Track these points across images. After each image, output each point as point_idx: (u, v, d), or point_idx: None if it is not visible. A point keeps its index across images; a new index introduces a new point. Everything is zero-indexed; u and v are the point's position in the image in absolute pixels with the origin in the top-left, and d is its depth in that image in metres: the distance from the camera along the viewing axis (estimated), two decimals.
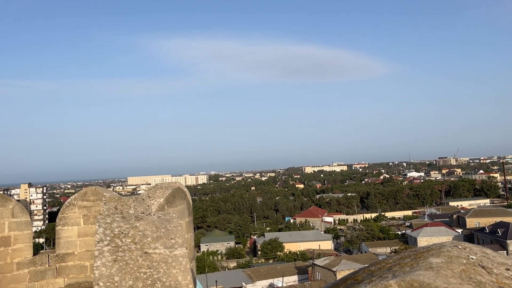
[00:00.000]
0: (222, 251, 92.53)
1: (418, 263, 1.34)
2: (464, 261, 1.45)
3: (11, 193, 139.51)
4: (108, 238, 2.70)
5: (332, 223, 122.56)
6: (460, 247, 1.63)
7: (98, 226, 3.83)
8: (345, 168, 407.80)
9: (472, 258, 1.49)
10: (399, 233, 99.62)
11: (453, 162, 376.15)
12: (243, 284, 57.05)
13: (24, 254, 8.69)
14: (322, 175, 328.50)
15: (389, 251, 75.08)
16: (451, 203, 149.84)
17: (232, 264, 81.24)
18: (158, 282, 2.44)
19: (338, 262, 56.98)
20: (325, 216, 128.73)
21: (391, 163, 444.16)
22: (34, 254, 8.95)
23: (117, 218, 3.04)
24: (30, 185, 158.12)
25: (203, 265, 65.95)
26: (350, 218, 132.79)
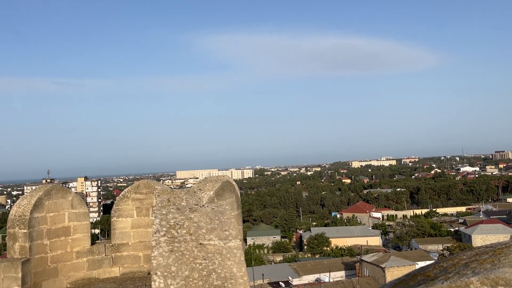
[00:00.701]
0: (268, 244, 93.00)
1: (500, 260, 1.23)
2: None
3: (69, 186, 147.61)
4: (164, 229, 2.74)
5: (380, 219, 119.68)
6: None
7: (154, 217, 3.92)
8: (394, 162, 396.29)
9: None
10: (452, 230, 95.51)
11: None
12: (290, 278, 57.09)
13: (83, 243, 9.14)
14: (369, 170, 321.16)
15: (441, 248, 72.26)
16: (509, 199, 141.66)
17: (278, 258, 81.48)
18: (213, 273, 2.45)
19: (387, 258, 55.59)
20: (373, 211, 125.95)
21: (442, 158, 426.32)
22: (91, 244, 9.39)
23: (172, 210, 3.09)
24: (86, 179, 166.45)
25: (250, 258, 66.63)
26: (400, 214, 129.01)
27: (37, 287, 8.29)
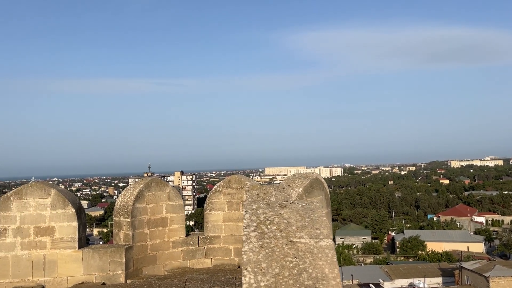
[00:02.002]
0: (357, 245, 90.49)
1: None
2: None
3: (167, 180, 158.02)
4: (255, 224, 2.73)
5: (484, 224, 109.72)
6: None
7: (245, 211, 3.95)
8: (500, 162, 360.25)
9: None
10: None
11: None
12: (381, 281, 54.89)
13: (178, 234, 9.65)
14: (471, 170, 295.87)
15: None
16: None
17: (369, 259, 78.81)
18: (304, 272, 2.37)
19: (491, 267, 50.74)
20: (475, 215, 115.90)
21: None
22: (186, 235, 9.88)
23: (262, 205, 3.07)
24: (182, 173, 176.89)
25: (339, 257, 65.30)
26: (507, 219, 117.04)
27: (138, 273, 8.94)
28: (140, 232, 9.11)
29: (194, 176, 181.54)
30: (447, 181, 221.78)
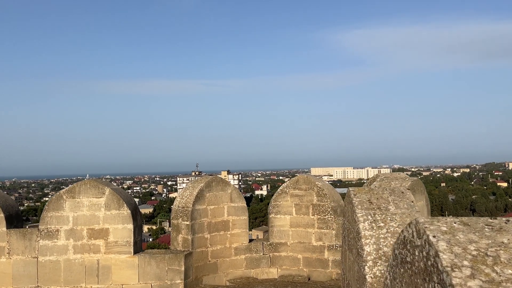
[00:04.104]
0: None
1: None
2: None
3: None
4: (464, 263, 1.59)
5: None
6: None
7: (359, 220, 2.82)
8: None
9: None
10: None
11: None
12: None
13: (241, 240, 8.63)
14: None
15: None
16: None
17: None
18: None
19: None
20: None
21: None
22: (249, 240, 8.85)
23: (456, 226, 1.90)
24: (228, 172, 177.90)
25: None
26: None
27: (198, 282, 8.01)
28: (200, 236, 8.17)
29: (240, 175, 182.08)
30: (505, 184, 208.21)
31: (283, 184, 9.09)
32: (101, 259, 7.60)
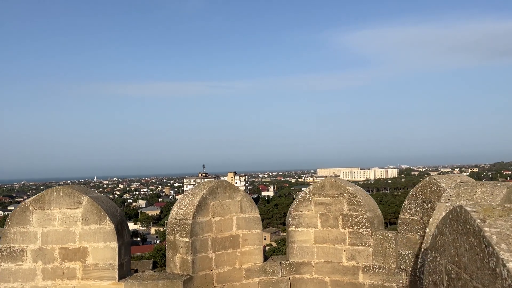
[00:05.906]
0: None
1: None
2: None
3: None
4: None
5: None
6: None
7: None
8: None
9: None
10: None
11: None
12: None
13: (254, 259, 6.95)
14: None
15: None
16: None
17: None
18: None
19: None
20: None
21: None
22: (264, 259, 7.17)
23: None
24: (235, 174, 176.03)
25: None
26: None
27: None
28: (203, 256, 6.51)
29: (246, 176, 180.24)
30: None
31: (305, 190, 7.38)
32: (78, 287, 5.97)
